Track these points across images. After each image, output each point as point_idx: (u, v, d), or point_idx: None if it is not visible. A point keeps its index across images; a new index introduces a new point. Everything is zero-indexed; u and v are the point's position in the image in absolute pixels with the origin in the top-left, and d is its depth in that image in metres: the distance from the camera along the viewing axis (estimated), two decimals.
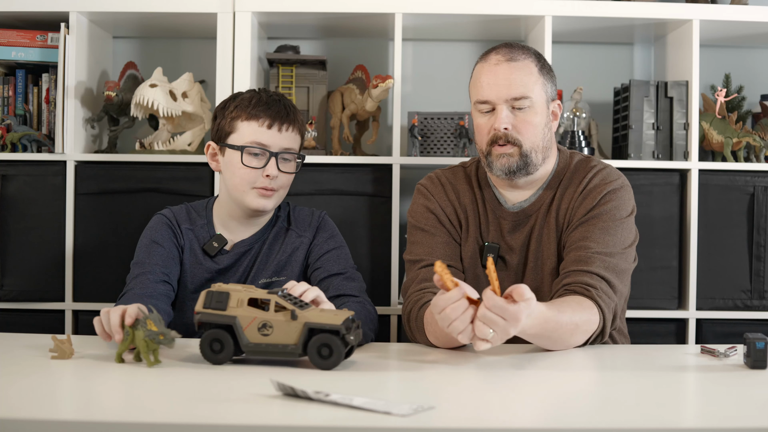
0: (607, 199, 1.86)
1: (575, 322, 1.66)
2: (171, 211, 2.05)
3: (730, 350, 1.63)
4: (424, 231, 1.94)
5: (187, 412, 1.20)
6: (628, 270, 1.84)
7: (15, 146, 2.50)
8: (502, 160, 1.87)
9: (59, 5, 2.47)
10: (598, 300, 1.72)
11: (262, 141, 1.95)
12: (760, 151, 2.54)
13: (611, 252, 1.80)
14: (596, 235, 1.82)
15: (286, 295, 1.50)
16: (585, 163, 1.95)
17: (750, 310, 2.49)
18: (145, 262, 1.95)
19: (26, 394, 1.27)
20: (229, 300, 1.49)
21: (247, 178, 1.95)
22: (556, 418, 1.21)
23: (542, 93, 1.88)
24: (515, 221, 1.93)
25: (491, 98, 1.86)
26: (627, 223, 1.87)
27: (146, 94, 2.44)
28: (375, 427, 1.12)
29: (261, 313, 1.48)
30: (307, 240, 2.03)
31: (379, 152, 2.79)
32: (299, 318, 1.46)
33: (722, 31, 2.63)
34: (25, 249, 2.46)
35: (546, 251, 1.89)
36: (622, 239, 1.84)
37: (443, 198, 1.97)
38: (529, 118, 1.86)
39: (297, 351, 1.46)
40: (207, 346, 1.49)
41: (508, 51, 1.88)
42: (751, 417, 1.21)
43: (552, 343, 1.67)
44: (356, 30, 2.73)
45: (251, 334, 1.48)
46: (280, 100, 1.99)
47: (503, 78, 1.85)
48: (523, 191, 1.94)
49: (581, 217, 1.86)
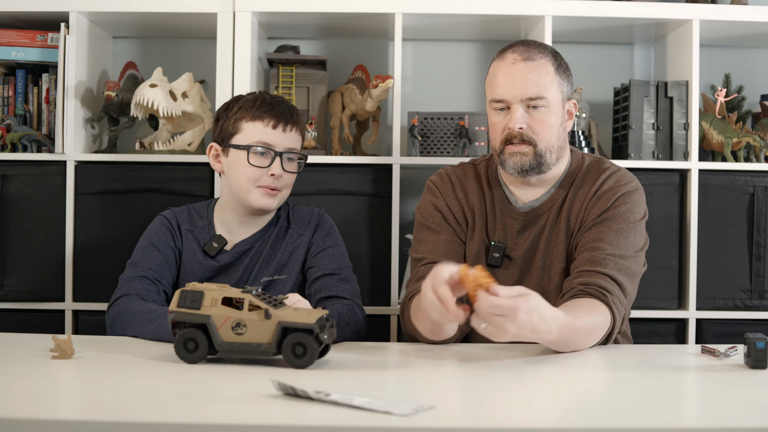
0: (621, 201, 1.86)
1: (589, 327, 1.67)
2: (173, 213, 2.06)
3: (731, 350, 1.63)
4: (430, 229, 1.95)
5: (187, 411, 1.20)
6: (639, 274, 1.85)
7: (15, 146, 2.50)
8: (515, 159, 1.87)
9: (59, 5, 2.47)
10: (612, 306, 1.73)
11: (267, 141, 1.96)
12: (760, 151, 2.54)
13: (624, 254, 1.80)
14: (610, 237, 1.82)
15: (259, 294, 1.50)
16: (598, 165, 1.95)
17: (750, 310, 2.49)
18: (140, 265, 1.97)
19: (26, 394, 1.27)
20: (203, 299, 1.49)
21: (252, 176, 1.96)
22: (557, 417, 1.21)
23: (558, 92, 1.87)
24: (525, 221, 1.93)
25: (507, 97, 1.86)
26: (639, 226, 1.87)
27: (146, 94, 2.44)
28: (375, 427, 1.12)
29: (235, 312, 1.48)
30: (306, 238, 2.04)
31: (379, 152, 2.79)
32: (273, 317, 1.46)
33: (722, 31, 2.63)
34: (25, 249, 2.46)
35: (555, 251, 1.89)
36: (634, 242, 1.84)
37: (451, 195, 1.98)
38: (545, 117, 1.86)
39: (271, 350, 1.46)
40: (181, 346, 1.49)
41: (525, 50, 1.87)
42: (752, 417, 1.21)
43: (566, 347, 1.67)
44: (356, 30, 2.73)
45: (225, 333, 1.48)
46: (282, 102, 2.02)
47: (519, 77, 1.84)
48: (535, 189, 1.94)
49: (594, 219, 1.86)
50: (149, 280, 1.95)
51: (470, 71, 2.86)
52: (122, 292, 1.92)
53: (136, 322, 1.81)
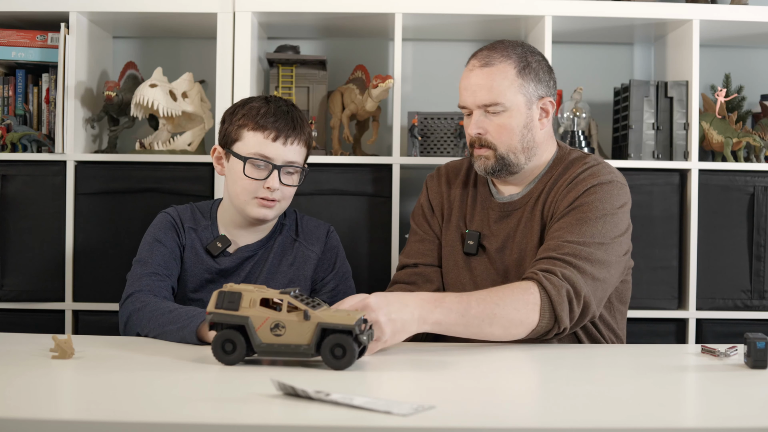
0: (590, 192, 1.83)
1: (495, 301, 1.64)
2: (176, 210, 2.05)
3: (731, 350, 1.63)
4: (412, 230, 2.07)
5: (187, 411, 1.20)
6: (611, 262, 1.78)
7: (15, 146, 2.50)
8: (479, 162, 1.93)
9: (59, 5, 2.47)
10: (543, 282, 1.68)
11: (266, 153, 1.94)
12: (760, 151, 2.54)
13: (585, 241, 1.75)
14: (572, 227, 1.78)
15: (298, 295, 1.49)
16: (580, 159, 1.93)
17: (750, 310, 2.49)
18: (148, 262, 1.95)
19: (26, 394, 1.27)
20: (241, 300, 1.48)
21: (248, 188, 1.95)
22: (557, 417, 1.21)
23: (519, 96, 1.88)
24: (502, 212, 1.96)
25: (467, 104, 1.92)
26: (612, 216, 1.81)
27: (146, 94, 2.44)
28: (375, 427, 1.12)
29: (273, 313, 1.47)
30: (315, 255, 2.06)
31: (379, 152, 2.79)
32: (312, 318, 1.46)
33: (722, 31, 2.63)
34: (25, 249, 2.46)
35: (530, 244, 1.90)
36: (602, 231, 1.78)
37: (435, 189, 2.06)
38: (504, 121, 1.88)
39: (310, 351, 1.45)
40: (219, 347, 1.48)
41: (485, 55, 1.90)
42: (752, 417, 1.21)
43: (472, 328, 1.64)
44: (356, 30, 2.73)
45: (264, 334, 1.47)
46: (288, 112, 1.97)
47: (475, 84, 1.90)
48: (516, 186, 1.97)
49: (562, 211, 1.84)
50: (159, 276, 1.94)
51: None
52: (134, 289, 1.90)
53: (156, 321, 1.78)
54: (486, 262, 1.94)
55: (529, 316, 1.67)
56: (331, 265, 2.08)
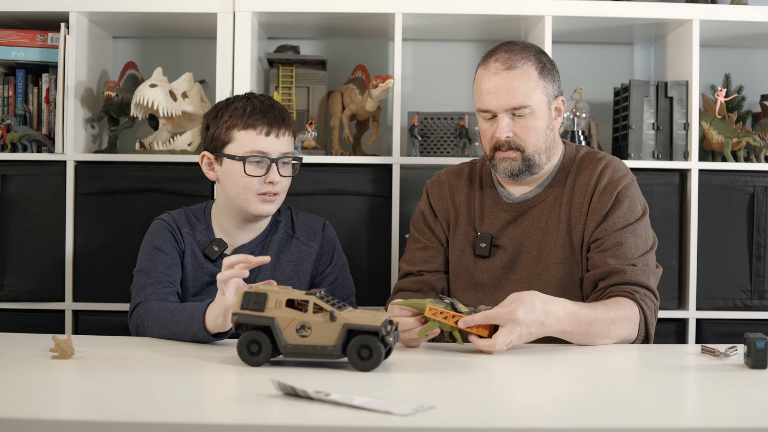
0: (622, 196, 1.90)
1: (610, 317, 1.73)
2: (170, 216, 2.04)
3: (731, 350, 1.63)
4: (413, 237, 2.05)
5: (187, 411, 1.20)
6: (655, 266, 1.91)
7: (15, 146, 2.50)
8: (504, 164, 1.92)
9: (59, 5, 2.46)
10: (641, 302, 1.79)
11: (262, 149, 1.95)
12: (760, 151, 2.54)
13: (642, 252, 1.87)
14: (627, 239, 1.87)
15: (324, 296, 1.49)
16: (592, 156, 1.98)
17: (750, 310, 2.49)
18: (151, 271, 1.94)
19: (26, 394, 1.27)
20: (267, 301, 1.47)
21: (249, 186, 1.95)
22: (557, 417, 1.21)
23: (543, 96, 1.90)
24: (516, 212, 1.96)
25: (492, 107, 1.89)
26: (643, 218, 1.92)
27: (146, 94, 2.44)
28: (375, 427, 1.12)
29: (299, 314, 1.47)
30: (313, 250, 2.06)
31: (379, 152, 2.79)
32: (338, 319, 1.45)
33: (722, 31, 2.63)
34: (25, 249, 2.46)
35: (553, 242, 1.91)
36: (645, 237, 1.90)
37: (437, 196, 2.05)
38: (531, 123, 1.89)
39: (336, 352, 1.45)
40: (245, 348, 1.47)
41: (507, 58, 1.89)
42: (752, 417, 1.21)
43: (588, 338, 1.73)
44: (356, 30, 2.73)
45: (289, 335, 1.46)
46: (273, 106, 2.00)
47: (502, 88, 1.88)
48: (527, 186, 1.98)
49: (600, 220, 1.89)
50: (163, 283, 1.93)
51: (470, 71, 2.86)
52: (139, 299, 1.89)
53: (165, 321, 1.78)
54: (500, 263, 1.95)
55: (631, 335, 1.79)
56: (330, 259, 2.09)
